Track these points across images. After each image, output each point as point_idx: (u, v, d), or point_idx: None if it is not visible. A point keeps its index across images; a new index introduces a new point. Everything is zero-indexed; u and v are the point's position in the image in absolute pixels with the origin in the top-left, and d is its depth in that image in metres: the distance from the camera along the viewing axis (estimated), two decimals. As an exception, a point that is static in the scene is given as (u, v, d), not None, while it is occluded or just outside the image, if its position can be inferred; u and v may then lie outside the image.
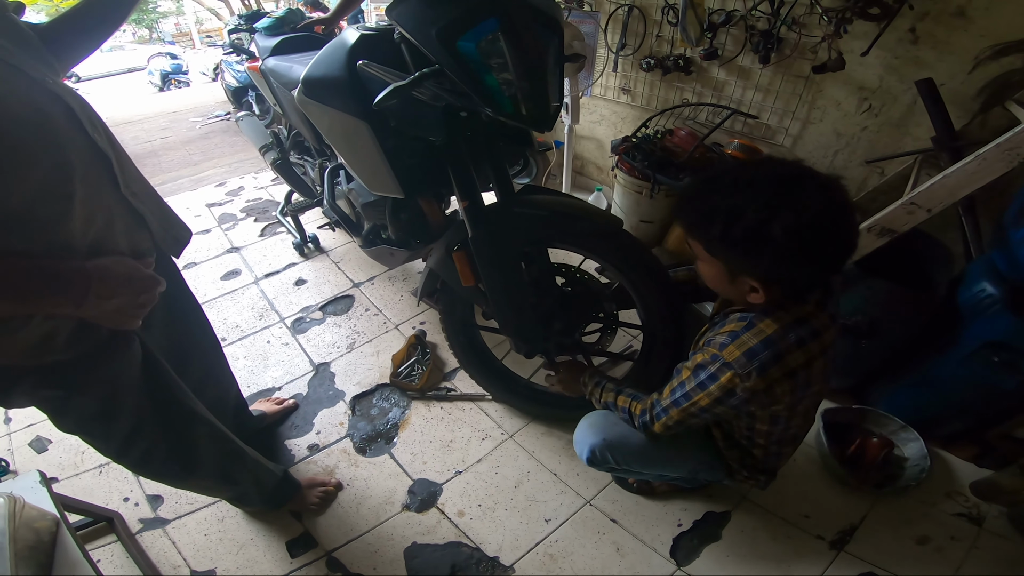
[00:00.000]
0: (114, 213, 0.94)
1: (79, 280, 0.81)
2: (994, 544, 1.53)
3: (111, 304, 0.86)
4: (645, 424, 1.27)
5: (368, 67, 1.14)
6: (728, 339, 1.06)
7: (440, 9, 1.03)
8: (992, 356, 1.49)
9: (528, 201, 1.44)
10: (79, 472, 1.83)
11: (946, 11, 1.70)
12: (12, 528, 1.03)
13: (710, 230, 0.97)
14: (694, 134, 2.38)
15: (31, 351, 0.86)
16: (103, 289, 0.83)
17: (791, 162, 0.99)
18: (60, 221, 0.80)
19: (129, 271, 0.89)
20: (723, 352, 1.05)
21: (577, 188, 3.39)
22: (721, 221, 0.94)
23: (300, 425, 1.98)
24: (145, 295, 0.92)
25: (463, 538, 1.61)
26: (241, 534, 1.64)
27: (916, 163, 1.86)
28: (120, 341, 1.00)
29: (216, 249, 3.07)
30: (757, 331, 1.03)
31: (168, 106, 6.77)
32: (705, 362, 1.09)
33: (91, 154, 0.89)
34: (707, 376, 1.09)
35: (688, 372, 1.15)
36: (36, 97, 0.80)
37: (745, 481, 1.39)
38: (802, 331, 1.01)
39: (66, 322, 0.88)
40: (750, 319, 1.06)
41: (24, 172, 0.74)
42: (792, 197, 0.90)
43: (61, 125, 0.82)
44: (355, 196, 1.78)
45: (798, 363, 1.02)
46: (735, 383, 1.04)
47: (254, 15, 2.66)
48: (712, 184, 1.00)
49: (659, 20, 2.46)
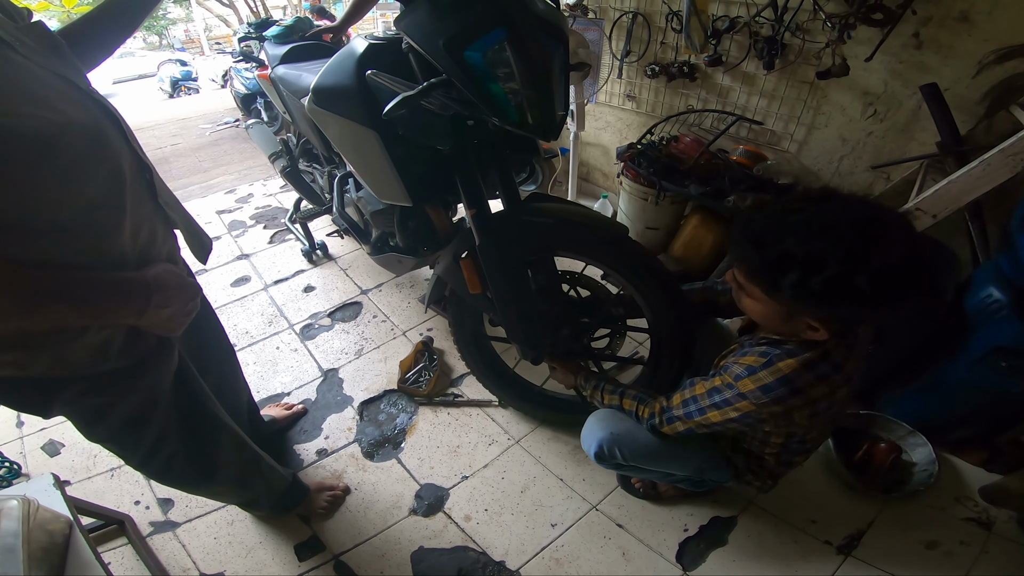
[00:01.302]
0: (155, 222, 0.96)
1: (141, 290, 0.83)
2: (1004, 548, 1.52)
3: (166, 312, 0.88)
4: (654, 427, 1.29)
5: (377, 76, 1.16)
6: (745, 372, 1.05)
7: (447, 20, 1.04)
8: (1000, 361, 1.49)
9: (534, 209, 1.46)
10: (91, 475, 1.84)
11: (949, 15, 1.70)
12: (26, 530, 1.04)
13: (782, 279, 0.91)
14: (699, 140, 2.39)
15: (88, 360, 0.88)
16: (161, 298, 0.86)
17: (861, 200, 0.94)
18: (114, 232, 0.82)
19: (179, 280, 0.92)
20: (738, 384, 1.06)
21: (583, 195, 3.40)
22: (798, 271, 0.88)
23: (309, 430, 1.99)
24: (192, 303, 0.95)
25: (470, 542, 1.62)
26: (250, 537, 1.66)
27: (922, 168, 1.86)
28: (166, 348, 1.02)
29: (226, 256, 3.10)
30: (775, 370, 1.02)
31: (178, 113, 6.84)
32: (721, 387, 1.11)
33: (136, 164, 0.91)
34: (721, 400, 1.11)
35: (703, 389, 1.16)
36: (90, 107, 0.81)
37: (751, 483, 1.40)
38: (824, 367, 1.00)
39: (120, 331, 0.90)
40: (771, 357, 1.04)
41: (84, 184, 0.75)
42: (875, 245, 0.84)
43: (112, 135, 0.84)
44: (364, 204, 1.79)
45: (821, 394, 1.01)
46: (750, 409, 1.05)
47: (263, 23, 2.69)
48: (780, 225, 0.92)
49: (663, 27, 2.47)
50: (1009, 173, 1.42)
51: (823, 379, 0.99)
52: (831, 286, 0.86)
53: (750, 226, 0.97)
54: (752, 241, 0.95)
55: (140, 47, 22.60)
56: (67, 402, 0.94)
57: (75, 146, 0.73)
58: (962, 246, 1.81)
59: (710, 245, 2.39)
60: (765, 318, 1.05)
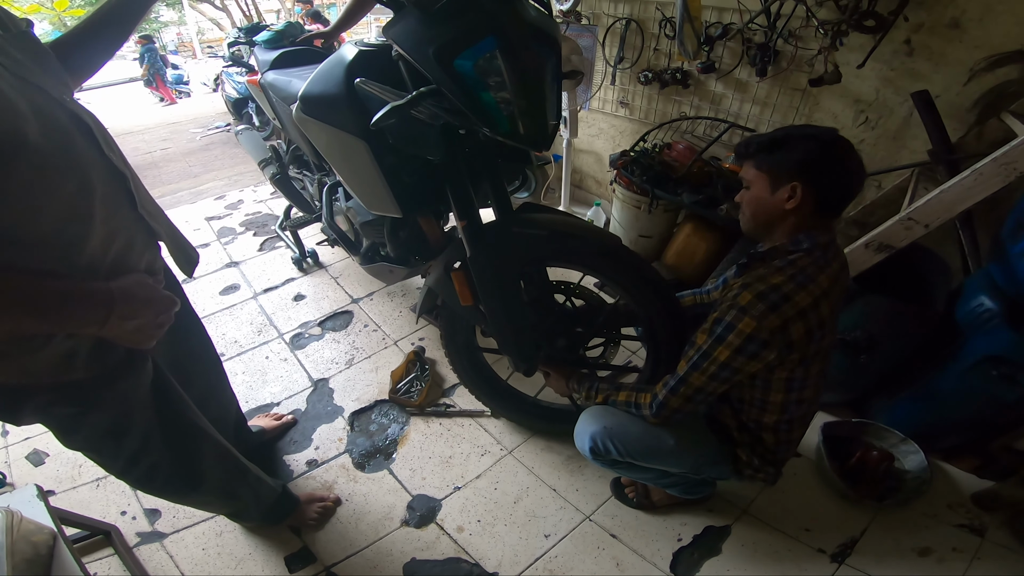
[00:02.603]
0: (133, 232, 0.95)
1: (103, 300, 0.82)
2: (997, 554, 1.53)
3: (132, 324, 0.86)
4: (660, 406, 1.29)
5: (366, 85, 1.14)
6: (740, 289, 1.15)
7: (437, 29, 1.02)
8: (991, 370, 1.49)
9: (527, 220, 1.44)
10: (76, 485, 1.82)
11: (940, 23, 1.71)
12: (9, 542, 1.03)
13: (780, 148, 1.14)
14: (692, 147, 2.39)
15: (52, 369, 0.87)
16: (126, 310, 0.84)
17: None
18: (82, 242, 0.81)
19: (149, 292, 0.91)
20: (737, 299, 1.13)
21: (576, 202, 3.40)
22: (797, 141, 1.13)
23: (299, 440, 1.97)
24: (163, 315, 0.93)
25: (462, 554, 1.60)
26: (239, 548, 1.63)
27: (913, 176, 1.86)
28: (137, 359, 1.01)
29: (215, 263, 3.07)
30: (763, 279, 1.13)
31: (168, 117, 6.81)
32: (721, 315, 1.16)
33: (108, 173, 0.89)
34: (724, 327, 1.14)
35: (704, 335, 1.20)
36: (59, 117, 0.80)
37: (754, 476, 1.38)
38: (801, 277, 1.12)
39: (86, 341, 0.89)
40: (756, 274, 1.17)
41: (50, 194, 0.74)
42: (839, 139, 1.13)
43: (81, 145, 0.83)
44: (353, 215, 1.78)
45: (806, 303, 1.11)
46: (751, 326, 1.10)
47: (254, 28, 2.67)
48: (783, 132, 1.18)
49: (656, 34, 2.47)
50: (1001, 182, 1.42)
51: (802, 286, 1.11)
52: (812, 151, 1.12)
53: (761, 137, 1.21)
54: (763, 143, 1.18)
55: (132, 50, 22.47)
56: (37, 411, 0.93)
57: (39, 156, 0.72)
58: (953, 255, 1.82)
59: (703, 253, 2.39)
60: (756, 200, 1.20)
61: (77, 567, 1.12)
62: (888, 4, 1.70)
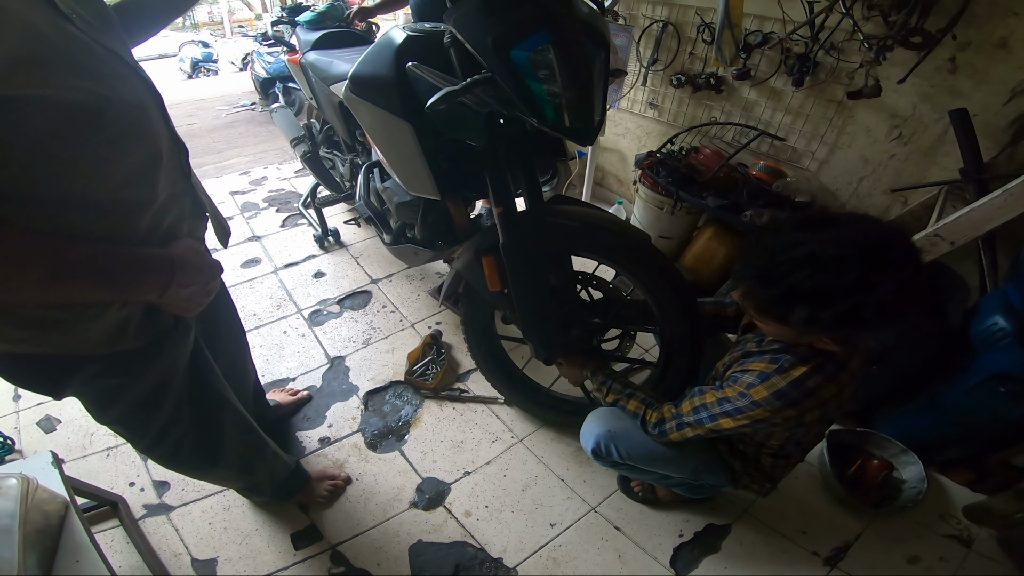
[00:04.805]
0: (185, 202, 0.96)
1: (165, 267, 0.82)
2: (981, 565, 1.57)
3: (187, 291, 0.87)
4: (662, 432, 1.29)
5: (418, 69, 1.16)
6: (757, 380, 1.07)
7: (496, 19, 1.04)
8: (999, 387, 1.51)
9: (559, 211, 1.46)
10: (86, 454, 1.82)
11: (989, 41, 1.70)
12: (23, 510, 1.01)
13: (792, 314, 0.93)
14: (720, 153, 2.39)
15: (106, 339, 0.86)
16: (183, 276, 0.85)
17: (864, 223, 0.95)
18: (144, 209, 0.81)
19: (201, 259, 0.91)
20: (751, 392, 1.07)
21: (597, 199, 3.39)
22: (806, 307, 0.90)
23: (312, 417, 1.99)
24: (212, 282, 0.94)
25: (468, 538, 1.62)
26: (246, 524, 1.65)
27: (941, 194, 1.86)
28: (182, 327, 1.01)
29: (238, 236, 3.10)
30: (787, 375, 1.04)
31: (195, 93, 6.84)
32: (732, 397, 1.12)
33: (172, 143, 0.90)
34: (733, 408, 1.11)
35: (713, 398, 1.17)
36: (136, 85, 0.80)
37: (748, 487, 1.40)
38: (831, 367, 1.03)
39: (138, 309, 0.89)
40: (782, 363, 1.06)
41: (120, 161, 0.75)
42: (881, 273, 0.86)
43: (154, 115, 0.83)
44: (389, 195, 1.79)
45: (831, 394, 1.03)
46: (764, 416, 1.06)
47: (297, 8, 2.70)
48: (785, 258, 0.93)
49: (693, 38, 2.47)
50: (1030, 204, 1.42)
51: (831, 379, 1.02)
52: (840, 318, 0.88)
53: (753, 262, 0.99)
54: (758, 279, 0.97)
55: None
56: (83, 384, 0.92)
57: (118, 123, 0.73)
58: (972, 273, 1.81)
59: (722, 258, 2.38)
60: (779, 336, 1.08)
61: (87, 538, 1.10)
62: (937, 22, 1.68)
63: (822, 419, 1.09)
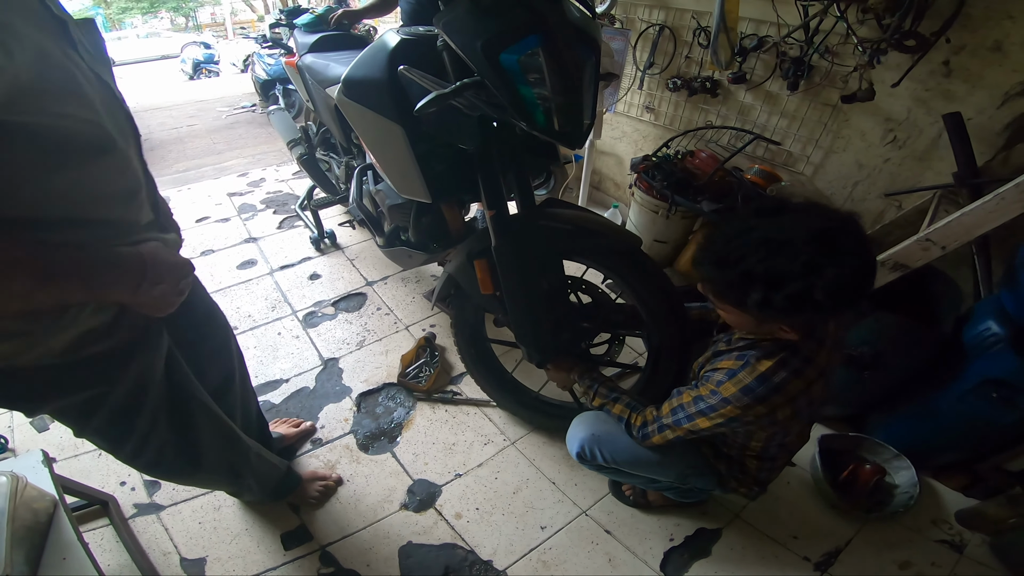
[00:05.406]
0: (156, 201, 0.96)
1: (137, 264, 0.82)
2: (972, 571, 1.56)
3: (158, 289, 0.86)
4: (645, 435, 1.30)
5: (409, 72, 1.16)
6: (725, 377, 1.10)
7: (485, 23, 1.05)
8: (992, 392, 1.51)
9: (552, 214, 1.46)
10: (77, 453, 1.82)
11: (983, 45, 1.69)
12: (12, 508, 1.02)
13: (747, 297, 0.95)
14: (715, 157, 2.39)
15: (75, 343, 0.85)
16: (155, 274, 0.84)
17: (816, 210, 0.99)
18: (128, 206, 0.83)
19: (172, 256, 0.91)
20: (720, 388, 1.09)
21: (593, 203, 3.40)
22: (760, 289, 0.92)
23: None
24: (184, 281, 0.93)
25: (459, 540, 1.61)
26: (236, 524, 1.65)
27: (935, 198, 1.85)
28: (154, 331, 1.00)
29: (234, 238, 3.11)
30: (752, 370, 1.06)
31: (197, 95, 6.87)
32: (705, 396, 1.14)
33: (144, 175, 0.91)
34: (707, 406, 1.13)
35: (689, 398, 1.19)
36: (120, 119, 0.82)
37: (736, 490, 1.40)
38: (796, 361, 1.04)
39: (108, 311, 0.88)
40: (747, 359, 1.09)
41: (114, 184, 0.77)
42: (830, 256, 0.88)
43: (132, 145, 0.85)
44: (382, 197, 1.80)
45: (798, 390, 1.05)
46: (735, 413, 1.08)
47: (295, 11, 2.72)
48: (740, 243, 0.96)
49: (690, 41, 2.47)
50: (1022, 208, 1.41)
51: (797, 374, 1.04)
52: (793, 300, 0.90)
53: (711, 248, 1.02)
54: (714, 263, 1.00)
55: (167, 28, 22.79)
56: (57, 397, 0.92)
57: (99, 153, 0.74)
58: (966, 279, 1.81)
59: (718, 262, 2.38)
60: (740, 325, 1.11)
61: (75, 536, 1.11)
62: (931, 25, 1.68)
63: (795, 416, 1.08)
